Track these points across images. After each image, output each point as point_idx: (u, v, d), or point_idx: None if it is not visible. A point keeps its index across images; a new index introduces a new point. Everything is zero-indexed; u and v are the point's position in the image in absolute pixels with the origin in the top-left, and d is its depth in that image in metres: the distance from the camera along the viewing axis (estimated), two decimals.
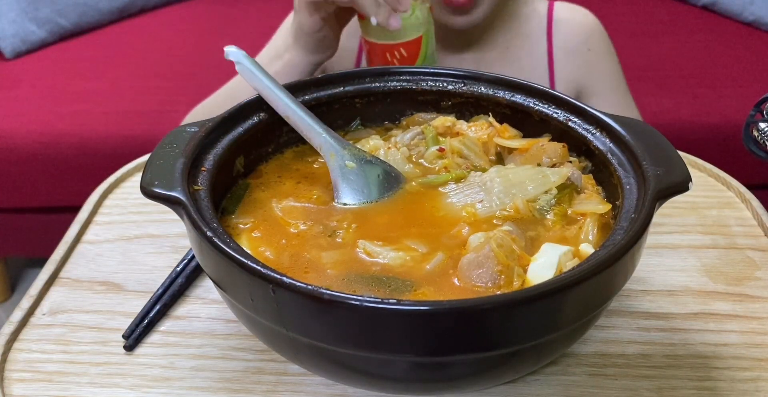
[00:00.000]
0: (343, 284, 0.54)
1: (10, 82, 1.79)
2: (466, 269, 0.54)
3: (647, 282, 0.70)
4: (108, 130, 1.64)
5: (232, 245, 0.50)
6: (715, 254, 0.73)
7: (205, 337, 0.64)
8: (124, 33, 2.00)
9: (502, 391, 0.59)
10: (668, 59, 1.81)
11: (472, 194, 0.61)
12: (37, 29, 1.89)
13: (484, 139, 0.68)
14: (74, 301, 0.68)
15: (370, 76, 0.70)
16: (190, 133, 0.60)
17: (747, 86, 1.73)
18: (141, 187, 0.55)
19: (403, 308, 0.45)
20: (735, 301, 0.68)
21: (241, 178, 0.65)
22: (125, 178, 0.85)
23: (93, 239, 0.76)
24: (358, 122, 0.71)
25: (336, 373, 0.54)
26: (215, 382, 0.60)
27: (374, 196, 0.63)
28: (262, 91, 0.64)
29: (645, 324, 0.65)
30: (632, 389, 0.59)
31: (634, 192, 0.56)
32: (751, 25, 1.99)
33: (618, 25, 1.99)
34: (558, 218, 0.60)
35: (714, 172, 0.85)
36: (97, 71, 1.83)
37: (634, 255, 0.51)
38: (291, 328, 0.49)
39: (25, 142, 1.62)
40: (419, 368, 0.51)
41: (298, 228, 0.59)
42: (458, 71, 0.70)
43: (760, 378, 0.60)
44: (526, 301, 0.47)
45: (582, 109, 0.64)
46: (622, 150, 0.60)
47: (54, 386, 0.60)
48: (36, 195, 1.68)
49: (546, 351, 0.53)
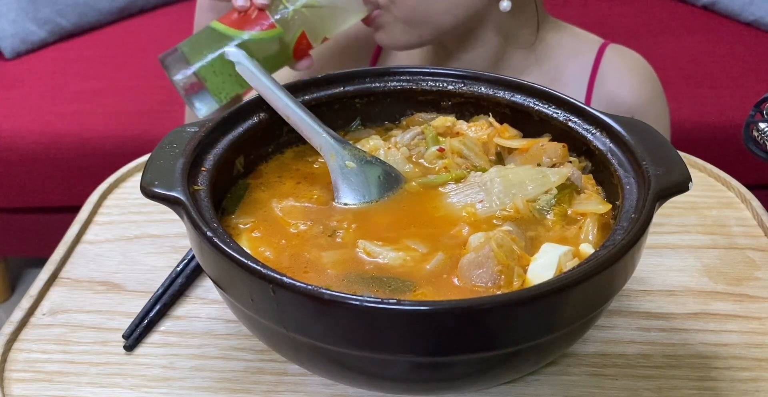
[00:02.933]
0: (343, 284, 0.54)
1: (10, 82, 1.79)
2: (466, 269, 0.54)
3: (647, 282, 0.70)
4: (108, 130, 1.64)
5: (232, 245, 0.50)
6: (715, 254, 0.73)
7: (205, 337, 0.64)
8: (124, 33, 2.00)
9: (502, 391, 0.59)
10: (668, 59, 1.81)
11: (472, 194, 0.61)
12: (37, 29, 1.89)
13: (484, 139, 0.68)
14: (74, 301, 0.68)
15: (370, 76, 0.70)
16: (190, 133, 0.60)
17: (747, 86, 1.73)
18: (141, 188, 0.55)
19: (403, 308, 0.45)
20: (735, 301, 0.68)
21: (241, 179, 0.65)
22: (125, 178, 0.84)
23: (93, 239, 0.76)
24: (358, 122, 0.71)
25: (336, 373, 0.54)
26: (215, 382, 0.60)
27: (374, 197, 0.63)
28: (262, 91, 0.64)
29: (645, 324, 0.65)
30: (632, 389, 0.59)
31: (634, 192, 0.56)
32: (751, 25, 1.99)
33: (618, 25, 1.99)
34: (558, 218, 0.60)
35: (714, 172, 0.85)
36: (97, 71, 1.83)
37: (634, 255, 0.51)
38: (291, 328, 0.49)
39: (25, 142, 1.62)
40: (419, 368, 0.51)
41: (298, 228, 0.59)
42: (458, 71, 0.70)
43: (760, 378, 0.60)
44: (526, 301, 0.47)
45: (582, 109, 0.64)
46: (622, 150, 0.60)
47: (54, 386, 0.60)
48: (36, 195, 1.68)
49: (546, 351, 0.53)
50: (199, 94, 0.82)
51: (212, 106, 0.83)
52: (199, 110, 0.83)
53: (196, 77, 0.81)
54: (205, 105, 0.83)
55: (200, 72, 0.81)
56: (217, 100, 0.83)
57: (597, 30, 1.14)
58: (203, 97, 0.83)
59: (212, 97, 0.82)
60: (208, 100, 0.83)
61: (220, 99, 0.83)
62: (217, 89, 0.82)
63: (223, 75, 0.81)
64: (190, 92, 0.82)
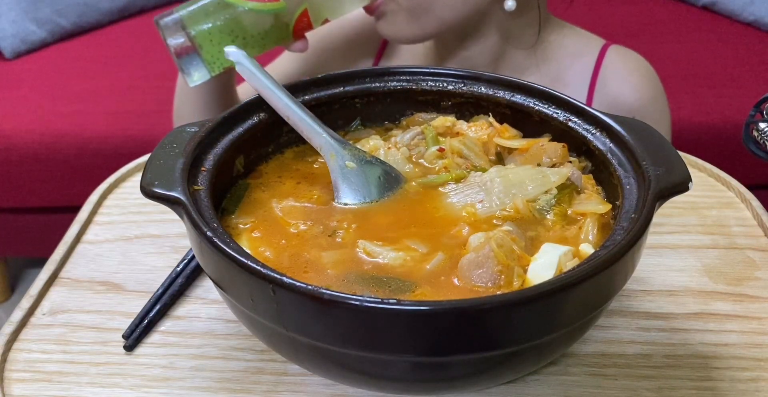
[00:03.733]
0: (343, 284, 0.54)
1: (10, 82, 1.79)
2: (466, 269, 0.54)
3: (647, 282, 0.70)
4: (108, 130, 1.64)
5: (232, 245, 0.50)
6: (715, 254, 0.73)
7: (205, 337, 0.64)
8: (124, 33, 2.00)
9: (502, 391, 0.59)
10: (668, 59, 1.81)
11: (472, 194, 0.61)
12: (37, 29, 1.89)
13: (484, 139, 0.68)
14: (74, 301, 0.68)
15: (370, 76, 0.70)
16: (190, 133, 0.60)
17: (747, 86, 1.74)
18: (141, 188, 0.55)
19: (403, 308, 0.45)
20: (735, 301, 0.68)
21: (241, 179, 0.65)
22: (125, 179, 0.85)
23: (93, 239, 0.76)
24: (358, 122, 0.71)
25: (336, 373, 0.54)
26: (215, 382, 0.60)
27: (374, 197, 0.63)
28: (262, 91, 0.64)
29: (645, 324, 0.65)
30: (632, 389, 0.59)
31: (634, 192, 0.56)
32: (751, 25, 1.99)
33: (618, 25, 1.99)
34: (558, 218, 0.60)
35: (714, 172, 0.85)
36: (97, 71, 1.83)
37: (634, 255, 0.51)
38: (291, 328, 0.49)
39: (25, 142, 1.62)
40: (419, 368, 0.51)
41: (298, 228, 0.59)
42: (458, 71, 0.70)
43: (760, 378, 0.60)
44: (526, 301, 0.47)
45: (582, 109, 0.64)
46: (622, 150, 0.60)
47: (54, 386, 0.60)
48: (36, 195, 1.68)
49: (546, 351, 0.53)
50: (192, 60, 0.80)
51: (204, 75, 0.81)
52: (190, 76, 0.81)
53: (192, 43, 0.79)
54: (197, 71, 0.81)
55: (197, 38, 0.79)
56: (209, 69, 0.81)
57: (597, 30, 1.14)
58: (196, 64, 0.80)
59: (205, 66, 0.80)
60: (200, 69, 0.81)
61: (213, 69, 0.81)
62: (212, 58, 0.80)
63: (220, 45, 0.79)
64: (183, 55, 0.80)
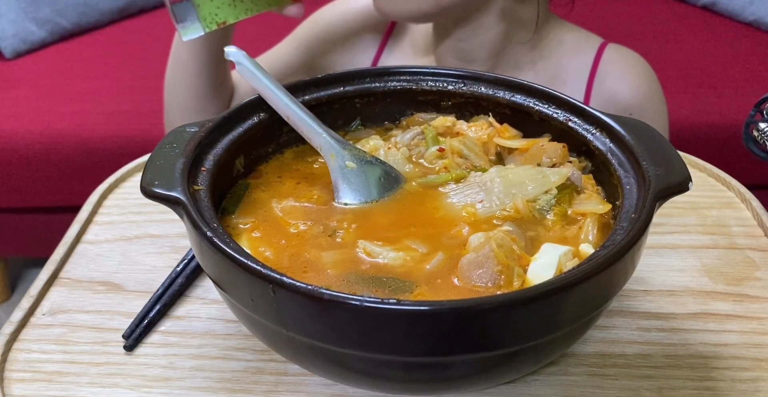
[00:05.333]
0: (342, 284, 0.54)
1: (10, 82, 1.79)
2: (466, 269, 0.54)
3: (647, 282, 0.70)
4: (108, 130, 1.64)
5: (232, 245, 0.50)
6: (715, 254, 0.73)
7: (205, 337, 0.64)
8: (124, 33, 2.00)
9: (502, 391, 0.59)
10: (668, 59, 1.82)
11: (472, 194, 0.61)
12: (37, 29, 1.89)
13: (484, 139, 0.68)
14: (74, 301, 0.68)
15: (370, 76, 0.70)
16: (190, 133, 0.60)
17: (747, 86, 1.74)
18: (141, 188, 0.55)
19: (403, 308, 0.45)
20: (735, 301, 0.68)
21: (241, 179, 0.65)
22: (125, 178, 0.84)
23: (93, 239, 0.76)
24: (358, 122, 0.71)
25: (336, 373, 0.54)
26: (215, 382, 0.60)
27: (374, 197, 0.63)
28: (262, 91, 0.64)
29: (645, 324, 0.65)
30: (632, 389, 0.59)
31: (634, 192, 0.56)
32: (751, 25, 1.99)
33: (618, 25, 1.99)
34: (558, 218, 0.60)
35: (714, 172, 0.85)
36: (97, 71, 1.83)
37: (634, 255, 0.51)
38: (291, 328, 0.49)
39: (25, 142, 1.62)
40: (419, 369, 0.51)
41: (298, 228, 0.59)
42: (458, 71, 0.70)
43: (760, 378, 0.60)
44: (526, 301, 0.47)
45: (582, 109, 0.64)
46: (622, 150, 0.60)
47: (54, 386, 0.60)
48: (36, 195, 1.69)
49: (546, 351, 0.53)
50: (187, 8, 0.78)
51: (197, 29, 0.79)
52: (184, 27, 0.79)
53: None
54: (192, 23, 0.79)
55: None
56: (203, 24, 0.79)
57: (597, 30, 1.14)
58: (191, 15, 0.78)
59: (199, 21, 0.78)
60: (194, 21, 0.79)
61: (207, 25, 0.79)
62: (210, 14, 0.78)
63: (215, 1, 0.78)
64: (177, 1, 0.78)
